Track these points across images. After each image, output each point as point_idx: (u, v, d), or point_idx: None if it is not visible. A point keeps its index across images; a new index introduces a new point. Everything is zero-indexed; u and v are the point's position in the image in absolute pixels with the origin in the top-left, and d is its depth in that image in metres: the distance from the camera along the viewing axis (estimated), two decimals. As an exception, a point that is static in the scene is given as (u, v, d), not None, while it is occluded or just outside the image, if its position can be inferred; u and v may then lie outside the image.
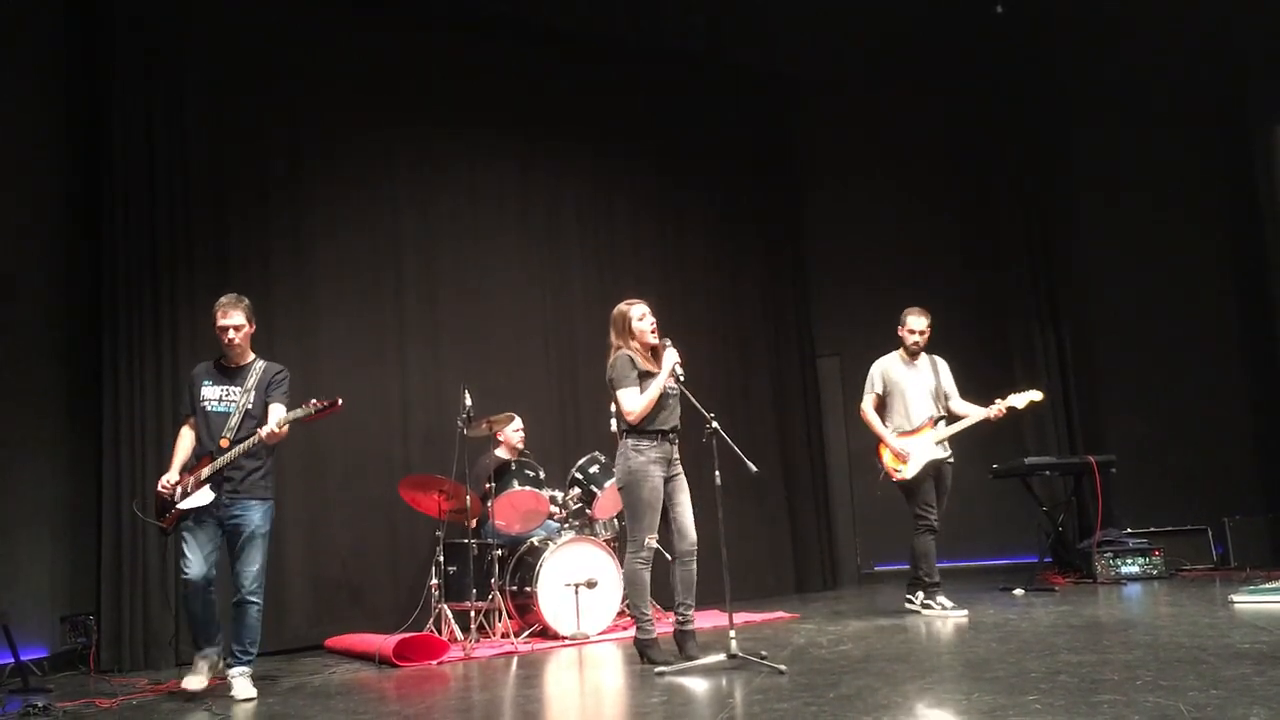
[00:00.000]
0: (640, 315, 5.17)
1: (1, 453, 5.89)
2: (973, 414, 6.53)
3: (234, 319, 5.16)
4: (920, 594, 6.46)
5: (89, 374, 6.60)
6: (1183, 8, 8.90)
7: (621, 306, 5.24)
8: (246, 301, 5.25)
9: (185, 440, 5.22)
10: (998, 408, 6.48)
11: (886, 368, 6.72)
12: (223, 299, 5.22)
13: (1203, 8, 8.84)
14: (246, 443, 5.02)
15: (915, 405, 6.58)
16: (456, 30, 8.18)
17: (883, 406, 6.66)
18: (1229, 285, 9.15)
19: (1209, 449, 8.82)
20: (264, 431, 5.00)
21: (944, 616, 6.20)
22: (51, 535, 6.35)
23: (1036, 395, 6.69)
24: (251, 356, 5.30)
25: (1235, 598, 5.99)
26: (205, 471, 4.99)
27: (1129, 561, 7.86)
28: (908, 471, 6.44)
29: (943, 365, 6.76)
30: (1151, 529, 8.26)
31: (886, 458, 6.56)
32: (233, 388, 5.17)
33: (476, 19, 8.15)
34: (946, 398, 6.65)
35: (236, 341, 5.17)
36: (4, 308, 6.12)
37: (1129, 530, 8.24)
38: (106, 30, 6.78)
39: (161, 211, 6.73)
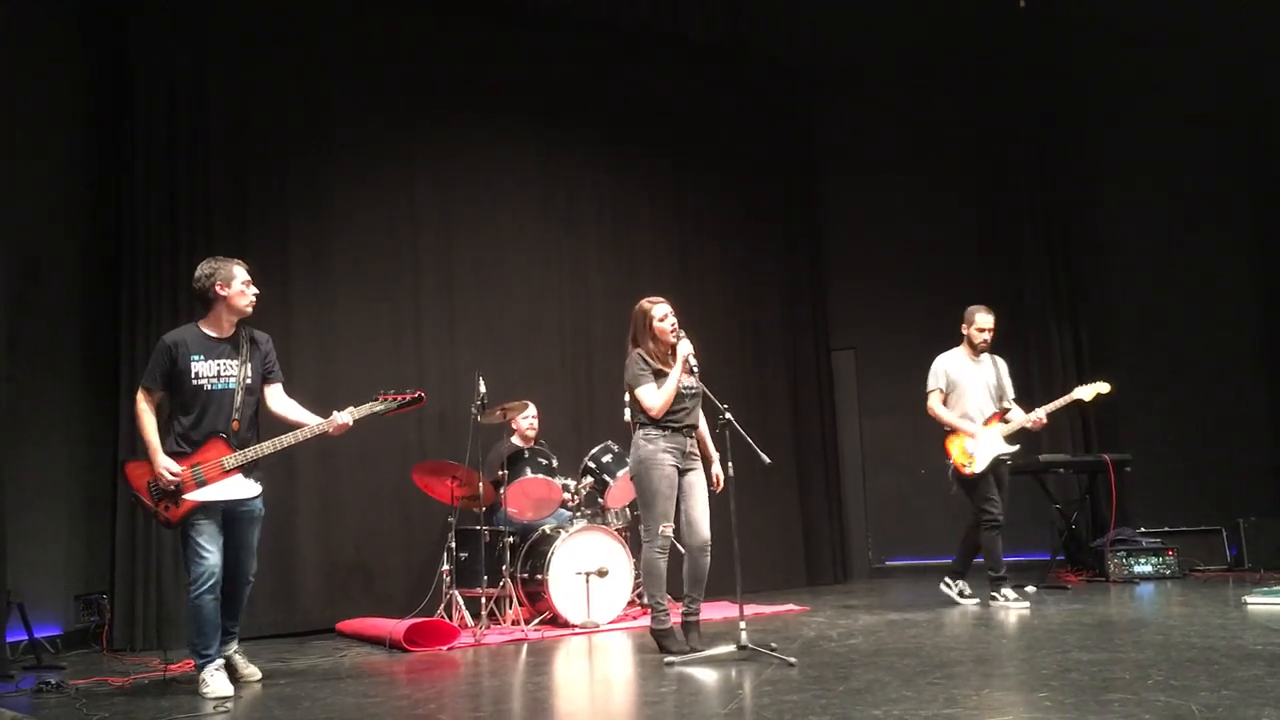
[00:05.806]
0: (662, 315, 5.15)
1: (18, 431, 5.91)
2: (1015, 419, 6.65)
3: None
4: (1002, 588, 6.49)
5: (107, 353, 6.65)
6: (1203, 1, 8.82)
7: (644, 304, 5.21)
8: None
9: (154, 419, 4.61)
10: (1036, 416, 6.65)
11: (949, 364, 6.75)
12: (236, 261, 4.76)
13: (1223, 1, 8.74)
14: (304, 432, 4.67)
15: (977, 402, 6.65)
16: (478, 16, 8.17)
17: (945, 403, 6.70)
18: (1248, 284, 9.07)
19: (1225, 449, 8.76)
20: (334, 424, 4.68)
21: (1006, 608, 6.23)
22: (67, 514, 6.40)
23: (1104, 387, 6.82)
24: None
25: (1248, 599, 5.96)
26: (234, 460, 4.57)
27: (1142, 561, 7.82)
28: (976, 466, 6.50)
29: (1002, 365, 6.85)
30: (1165, 529, 8.20)
31: (955, 452, 6.59)
32: (228, 361, 4.66)
33: (498, 5, 8.14)
34: (1002, 397, 6.73)
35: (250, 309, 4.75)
36: (29, 289, 6.14)
37: (1143, 529, 8.19)
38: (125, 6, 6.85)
39: (181, 194, 6.78)
